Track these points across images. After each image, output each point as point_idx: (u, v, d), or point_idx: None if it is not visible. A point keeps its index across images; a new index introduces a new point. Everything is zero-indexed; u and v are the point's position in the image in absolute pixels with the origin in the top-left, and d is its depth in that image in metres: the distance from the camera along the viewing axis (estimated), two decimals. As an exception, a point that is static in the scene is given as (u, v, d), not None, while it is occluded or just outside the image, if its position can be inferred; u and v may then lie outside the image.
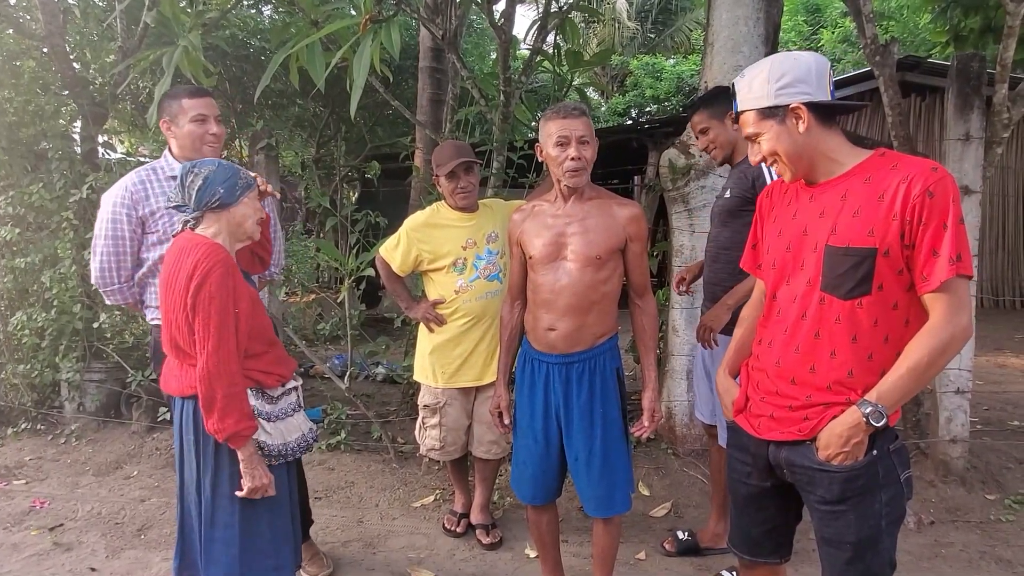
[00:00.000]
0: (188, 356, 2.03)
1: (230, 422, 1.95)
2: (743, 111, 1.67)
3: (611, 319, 2.34)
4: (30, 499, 3.63)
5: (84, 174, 4.41)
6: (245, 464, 2.02)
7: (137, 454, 4.22)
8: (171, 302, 2.01)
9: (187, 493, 2.13)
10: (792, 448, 1.67)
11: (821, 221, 1.62)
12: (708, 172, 3.72)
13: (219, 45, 6.25)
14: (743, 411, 1.81)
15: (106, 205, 2.56)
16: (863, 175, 1.58)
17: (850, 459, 1.58)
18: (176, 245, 2.05)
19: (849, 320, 1.57)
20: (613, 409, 2.31)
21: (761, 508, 1.84)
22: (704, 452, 3.79)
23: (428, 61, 7.05)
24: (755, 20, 3.64)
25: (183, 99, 2.55)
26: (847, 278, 1.55)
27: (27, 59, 4.66)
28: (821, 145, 1.62)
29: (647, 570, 2.92)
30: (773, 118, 1.62)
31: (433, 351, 3.04)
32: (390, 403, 4.94)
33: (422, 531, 3.26)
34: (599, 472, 2.29)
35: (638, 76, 17.52)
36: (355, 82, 2.95)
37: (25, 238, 4.52)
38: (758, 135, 1.66)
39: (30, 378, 4.55)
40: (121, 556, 3.07)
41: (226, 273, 1.98)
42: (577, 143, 2.17)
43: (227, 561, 2.07)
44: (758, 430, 1.74)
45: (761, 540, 1.87)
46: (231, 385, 1.96)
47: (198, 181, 2.03)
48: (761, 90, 1.61)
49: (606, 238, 2.22)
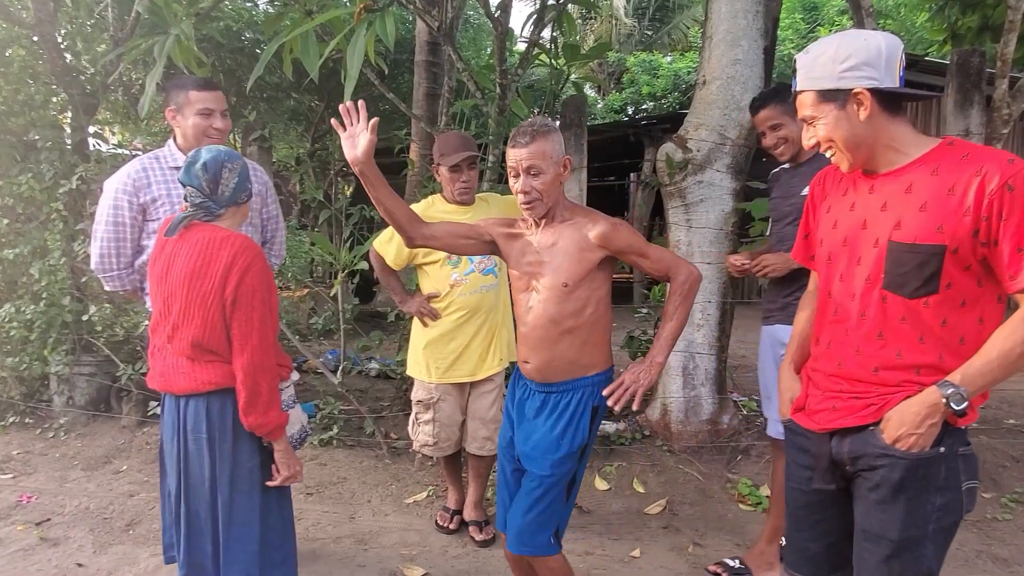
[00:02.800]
0: (209, 352, 1.98)
1: (273, 415, 1.99)
2: (801, 90, 1.55)
3: (594, 350, 2.10)
4: (17, 493, 3.58)
5: (74, 165, 4.36)
6: (282, 454, 2.07)
7: (127, 448, 4.17)
8: (198, 297, 1.94)
9: (195, 495, 2.05)
10: (856, 436, 1.56)
11: (883, 215, 1.51)
12: (705, 167, 3.69)
13: (213, 36, 6.18)
14: (802, 409, 1.71)
15: (108, 191, 2.54)
16: (930, 166, 1.47)
17: (918, 446, 1.47)
18: (195, 238, 1.97)
19: (914, 320, 1.48)
20: (571, 449, 2.07)
21: (821, 520, 1.70)
22: (700, 449, 3.76)
23: (424, 55, 7.01)
24: (754, 13, 3.61)
25: (191, 90, 2.53)
26: (912, 276, 1.46)
27: (16, 48, 4.59)
28: (883, 134, 1.51)
29: (641, 567, 2.89)
30: (833, 102, 1.51)
31: (427, 346, 3.00)
32: (383, 398, 4.89)
33: (415, 528, 3.22)
34: (527, 506, 2.09)
35: (635, 73, 17.46)
36: (349, 72, 2.91)
37: (14, 229, 4.46)
38: (815, 119, 1.55)
39: (19, 371, 4.48)
40: (108, 551, 3.03)
41: (264, 266, 1.99)
42: (525, 174, 2.00)
43: (246, 559, 2.04)
44: (820, 423, 1.63)
45: (821, 556, 1.72)
46: (273, 378, 2.00)
47: (234, 178, 2.01)
48: (824, 70, 1.50)
49: (573, 263, 2.03)
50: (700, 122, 3.71)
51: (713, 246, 3.75)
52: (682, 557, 2.97)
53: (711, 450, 3.77)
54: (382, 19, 2.98)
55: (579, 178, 3.65)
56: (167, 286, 2.00)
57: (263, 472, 2.09)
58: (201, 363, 2.00)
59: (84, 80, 4.65)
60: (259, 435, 2.01)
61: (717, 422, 3.85)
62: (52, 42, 4.53)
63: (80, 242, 4.21)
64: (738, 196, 3.78)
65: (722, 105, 3.66)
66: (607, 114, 17.00)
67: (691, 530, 3.19)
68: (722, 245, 3.77)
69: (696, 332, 3.79)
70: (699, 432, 3.82)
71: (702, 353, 3.81)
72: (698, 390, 3.82)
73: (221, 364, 1.99)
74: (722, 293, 3.81)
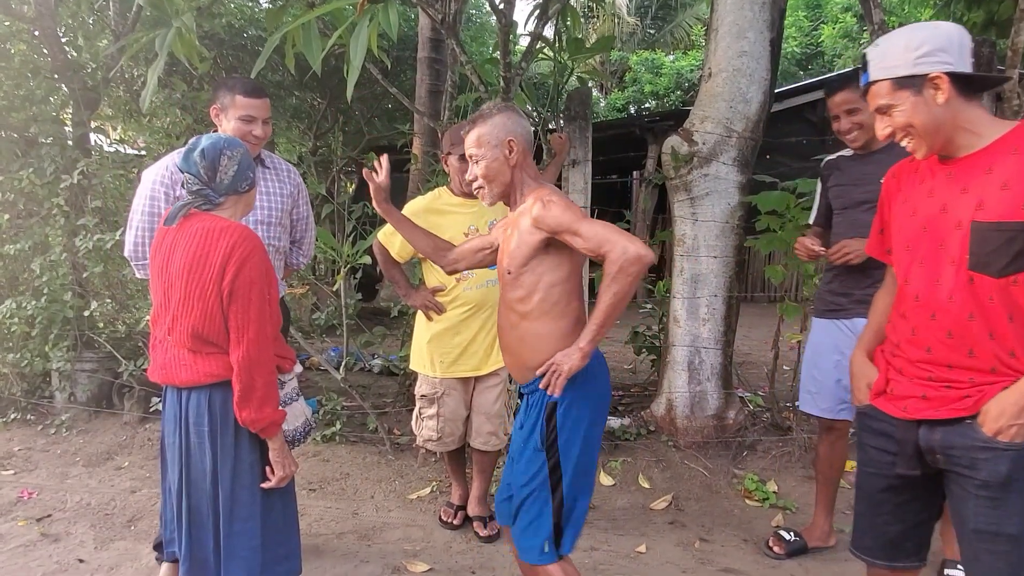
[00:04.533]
0: (209, 344, 1.95)
1: (267, 411, 1.93)
2: (875, 81, 1.57)
3: (545, 346, 1.93)
4: (18, 489, 3.56)
5: (75, 160, 4.34)
6: (276, 453, 2.00)
7: (128, 445, 4.15)
8: (197, 288, 1.90)
9: (196, 489, 2.02)
10: (949, 428, 1.55)
11: (964, 197, 1.53)
12: (711, 160, 3.66)
13: (216, 33, 6.17)
14: (883, 394, 1.69)
15: (146, 182, 2.54)
16: (1009, 147, 1.50)
17: (1021, 436, 1.46)
18: (195, 228, 1.93)
19: (1003, 299, 1.49)
20: (536, 450, 1.95)
21: (903, 503, 1.70)
22: (705, 444, 3.73)
23: (426, 52, 7.00)
24: (761, 5, 3.57)
25: (238, 94, 2.53)
26: (999, 255, 1.47)
27: (17, 42, 4.58)
28: (960, 118, 1.53)
29: (648, 563, 2.86)
30: (909, 88, 1.52)
31: (431, 340, 2.97)
32: (386, 395, 4.87)
33: (418, 523, 3.20)
34: (513, 514, 2.03)
35: (637, 72, 17.46)
36: (352, 63, 2.88)
37: (15, 224, 4.43)
38: (891, 107, 1.56)
39: (20, 367, 4.46)
40: (110, 547, 3.00)
41: (263, 257, 1.94)
42: (470, 162, 2.02)
43: (248, 555, 2.01)
44: (907, 411, 1.62)
45: (901, 540, 1.72)
46: (269, 373, 1.94)
47: (233, 166, 1.97)
48: (898, 58, 1.52)
49: (515, 247, 1.92)
50: (706, 115, 3.68)
51: (719, 240, 3.72)
52: (688, 552, 2.94)
53: (717, 445, 3.73)
54: (385, 10, 2.94)
55: (584, 171, 3.62)
56: (167, 277, 1.97)
57: (264, 467, 2.05)
58: (202, 355, 1.97)
59: (85, 75, 4.63)
60: (253, 431, 1.96)
61: (723, 417, 3.81)
62: (53, 37, 4.51)
63: (81, 237, 4.18)
64: (744, 189, 3.75)
65: (728, 98, 3.63)
66: (610, 112, 16.98)
67: (697, 525, 3.16)
68: (728, 239, 3.74)
69: (702, 327, 3.76)
70: (705, 427, 3.78)
71: (708, 348, 3.77)
72: (704, 385, 3.79)
73: (221, 356, 1.95)
74: (728, 287, 3.77)
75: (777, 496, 3.36)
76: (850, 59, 14.63)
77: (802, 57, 16.53)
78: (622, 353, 5.68)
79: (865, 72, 1.60)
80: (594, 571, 2.78)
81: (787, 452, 3.68)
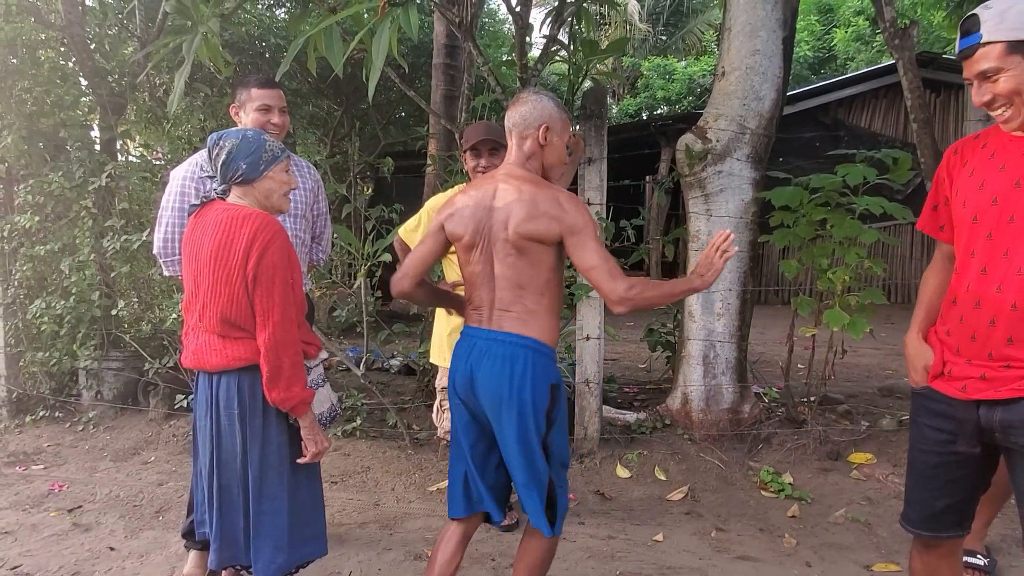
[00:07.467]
0: (237, 329, 2.02)
1: (296, 390, 2.00)
2: (987, 42, 1.52)
3: None
4: (48, 483, 3.66)
5: (103, 163, 4.45)
6: (308, 431, 2.08)
7: (154, 440, 4.24)
8: (223, 274, 1.98)
9: (227, 470, 2.09)
10: (1010, 407, 1.56)
11: None
12: (725, 157, 3.71)
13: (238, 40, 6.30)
14: (940, 376, 1.71)
15: (175, 179, 2.63)
16: None
17: None
18: (217, 215, 2.01)
19: None
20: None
21: (955, 479, 1.73)
22: (721, 437, 3.77)
23: (441, 58, 7.08)
24: (773, 3, 3.63)
25: (252, 88, 2.63)
26: None
27: (47, 49, 4.71)
28: None
29: (664, 551, 2.90)
30: (1021, 53, 1.49)
31: (452, 332, 3.02)
32: (405, 392, 4.94)
33: (438, 513, 3.25)
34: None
35: (649, 78, 17.52)
36: (373, 63, 2.96)
37: (44, 227, 4.55)
38: (1000, 71, 1.52)
39: (48, 366, 4.58)
40: (139, 536, 3.08)
41: (285, 242, 2.01)
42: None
43: (276, 533, 2.08)
44: (966, 392, 1.63)
45: (944, 513, 1.76)
46: (295, 354, 2.01)
47: (222, 155, 2.03)
48: (1018, 20, 1.48)
49: None
50: (719, 112, 3.73)
51: (733, 235, 3.75)
52: (705, 541, 2.98)
53: (732, 439, 3.77)
54: (405, 12, 3.03)
55: (599, 169, 3.67)
56: (197, 265, 2.05)
57: (292, 449, 2.12)
58: (231, 340, 2.04)
59: (112, 81, 4.76)
60: (284, 410, 2.03)
61: (738, 411, 3.85)
62: (81, 43, 4.64)
63: (109, 238, 4.29)
64: (758, 186, 3.79)
65: (741, 95, 3.69)
66: (622, 119, 17.03)
67: (713, 516, 3.20)
68: (742, 235, 3.79)
69: (716, 321, 3.80)
70: (720, 420, 3.82)
71: (722, 342, 3.82)
72: (719, 379, 3.83)
73: (249, 341, 2.02)
74: (742, 282, 3.82)
75: (792, 487, 3.39)
76: (863, 62, 14.59)
77: (815, 61, 16.53)
78: (637, 352, 5.73)
79: (973, 34, 1.54)
80: (612, 558, 2.83)
81: (802, 444, 3.70)
